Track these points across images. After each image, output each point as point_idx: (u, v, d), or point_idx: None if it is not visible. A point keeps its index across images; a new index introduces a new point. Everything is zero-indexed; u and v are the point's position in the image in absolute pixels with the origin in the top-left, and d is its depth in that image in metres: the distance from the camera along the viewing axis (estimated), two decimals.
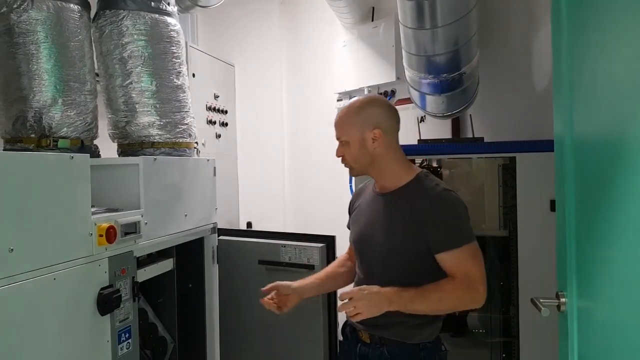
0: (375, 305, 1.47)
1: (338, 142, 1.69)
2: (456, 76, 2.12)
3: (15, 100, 1.84)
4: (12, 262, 1.21)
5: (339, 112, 1.70)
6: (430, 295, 1.49)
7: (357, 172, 1.71)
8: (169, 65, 2.16)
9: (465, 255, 1.51)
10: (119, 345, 1.62)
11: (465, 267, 1.51)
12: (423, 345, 1.61)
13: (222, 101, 3.94)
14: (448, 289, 1.50)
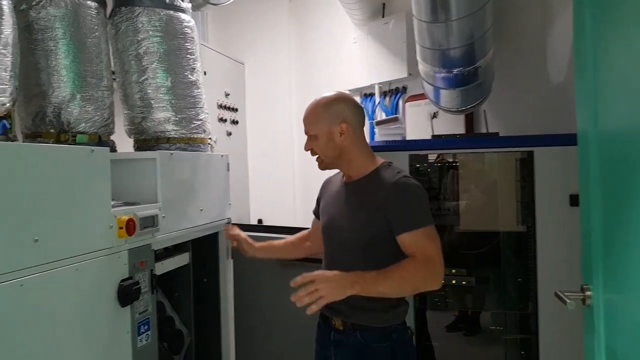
0: (337, 287, 1.50)
1: (306, 137, 1.77)
2: (471, 70, 2.11)
3: (35, 95, 1.86)
4: (36, 252, 1.22)
5: (307, 108, 1.78)
6: (393, 275, 1.53)
7: (325, 165, 1.78)
8: (183, 61, 2.17)
9: (423, 237, 1.58)
10: (138, 337, 1.63)
11: (424, 247, 1.57)
12: (394, 327, 1.70)
13: (232, 99, 3.95)
14: (409, 268, 1.55)
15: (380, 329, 1.69)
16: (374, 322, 1.69)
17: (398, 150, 2.08)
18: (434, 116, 3.11)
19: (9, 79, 1.19)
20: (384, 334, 1.69)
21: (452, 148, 2.12)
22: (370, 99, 3.76)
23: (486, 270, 2.33)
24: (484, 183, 2.28)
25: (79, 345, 1.37)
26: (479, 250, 2.30)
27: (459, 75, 2.14)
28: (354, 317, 1.70)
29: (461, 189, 2.21)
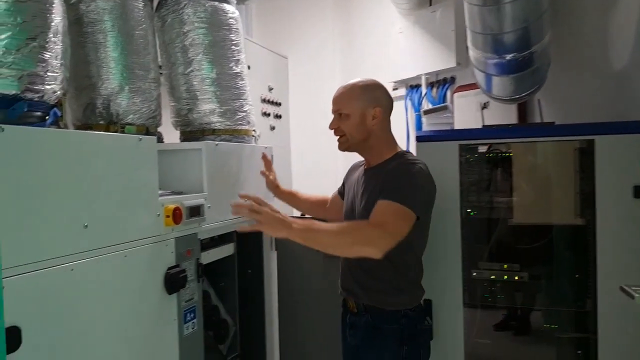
0: (278, 222, 1.50)
1: (334, 115, 1.80)
2: (526, 55, 2.01)
3: (85, 88, 1.90)
4: (86, 237, 1.24)
5: (342, 87, 1.82)
6: (334, 227, 1.56)
7: (347, 146, 1.80)
8: (228, 52, 2.17)
9: (391, 209, 1.58)
10: (184, 325, 1.64)
11: (384, 215, 1.57)
12: (404, 312, 1.72)
13: (276, 93, 3.95)
14: (353, 225, 1.62)
15: (390, 312, 1.72)
16: (385, 304, 1.73)
17: (447, 140, 2.00)
18: (485, 106, 2.99)
19: (59, 66, 1.21)
20: (394, 317, 1.72)
21: (506, 137, 2.03)
22: (417, 91, 3.68)
23: (540, 266, 2.23)
24: (538, 174, 2.17)
25: (127, 331, 1.39)
26: (533, 244, 2.19)
27: (512, 62, 2.04)
28: (365, 299, 1.76)
29: (514, 181, 2.11)
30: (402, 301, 1.74)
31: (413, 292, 1.77)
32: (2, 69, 1.05)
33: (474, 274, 2.17)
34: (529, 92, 2.43)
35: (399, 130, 3.74)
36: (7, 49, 1.06)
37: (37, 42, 1.11)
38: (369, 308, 1.76)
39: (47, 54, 1.16)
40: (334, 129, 1.81)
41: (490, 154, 2.17)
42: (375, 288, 1.75)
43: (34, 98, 1.14)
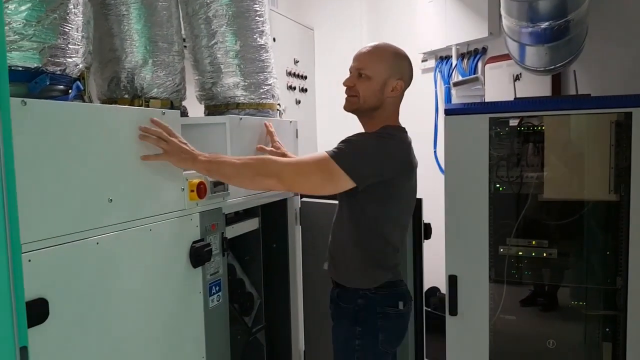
0: (185, 153, 1.48)
1: (352, 72, 1.71)
2: (562, 24, 1.90)
3: (109, 61, 1.90)
4: (111, 211, 1.25)
5: (371, 46, 1.72)
6: (239, 158, 1.56)
7: (355, 107, 1.71)
8: (252, 24, 2.13)
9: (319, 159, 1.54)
10: (209, 297, 1.66)
11: (303, 158, 1.59)
12: (362, 293, 1.68)
13: (301, 66, 3.90)
14: (258, 158, 1.58)
15: (350, 290, 1.71)
16: (343, 280, 1.73)
17: (477, 113, 1.93)
18: (517, 78, 2.88)
19: (81, 39, 1.20)
20: (351, 296, 1.70)
21: (538, 110, 1.95)
22: (447, 62, 3.57)
23: (569, 242, 2.17)
24: (571, 149, 2.09)
25: (153, 303, 1.41)
26: (562, 220, 2.13)
27: (547, 30, 1.94)
28: (334, 273, 1.78)
29: (546, 155, 2.04)
30: (358, 280, 1.70)
31: (372, 273, 1.70)
32: (23, 41, 1.05)
33: (501, 250, 2.13)
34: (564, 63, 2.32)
35: (427, 103, 3.66)
36: (28, 21, 1.05)
37: (58, 13, 1.10)
38: (335, 283, 1.78)
39: (68, 26, 1.15)
40: (349, 86, 1.71)
41: (521, 128, 2.10)
42: (337, 260, 1.75)
43: (56, 71, 1.14)
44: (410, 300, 1.79)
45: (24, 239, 1.02)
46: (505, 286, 2.12)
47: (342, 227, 1.73)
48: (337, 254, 1.76)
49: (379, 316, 1.68)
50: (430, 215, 2.19)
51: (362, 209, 1.64)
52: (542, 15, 1.87)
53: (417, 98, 3.77)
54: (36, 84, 1.09)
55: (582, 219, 2.10)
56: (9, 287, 0.61)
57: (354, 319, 1.69)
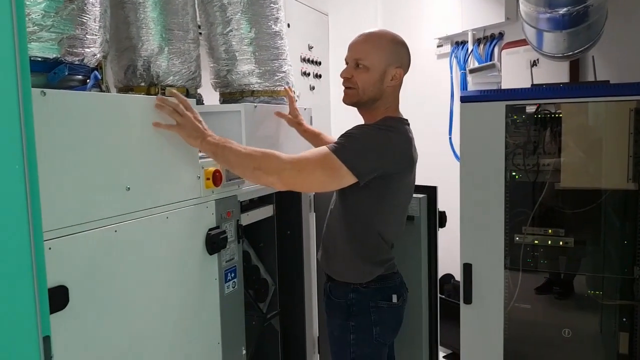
0: (196, 130, 1.46)
1: (349, 63, 1.66)
2: (581, 9, 1.86)
3: (126, 49, 1.91)
4: (129, 199, 1.27)
5: (366, 35, 1.66)
6: (244, 148, 1.52)
7: (355, 100, 1.66)
8: (266, 11, 2.13)
9: (322, 154, 1.50)
10: (225, 284, 1.68)
11: (305, 155, 1.53)
12: (354, 288, 1.67)
13: (316, 52, 3.87)
14: (263, 152, 1.52)
15: (341, 284, 1.70)
16: (336, 274, 1.72)
17: (493, 100, 1.91)
18: (534, 64, 2.84)
19: (98, 29, 1.21)
20: (343, 290, 1.69)
21: (556, 97, 1.92)
22: (463, 47, 3.52)
23: (586, 231, 2.15)
24: (589, 136, 2.06)
25: (169, 290, 1.44)
26: (579, 209, 2.11)
27: (566, 16, 1.90)
28: (326, 267, 1.77)
29: (563, 143, 2.01)
30: (349, 275, 1.69)
31: (364, 268, 1.67)
32: (42, 32, 1.06)
33: (517, 239, 2.12)
34: (582, 49, 2.28)
35: (443, 89, 3.62)
36: (46, 12, 1.06)
37: (76, 4, 1.11)
38: (327, 276, 1.77)
39: (86, 16, 1.16)
40: (346, 77, 1.66)
41: (538, 115, 2.07)
42: (330, 253, 1.74)
43: (75, 61, 1.15)
44: (405, 291, 1.78)
45: (45, 227, 1.05)
46: (520, 275, 2.11)
47: (337, 220, 1.71)
48: (330, 247, 1.75)
49: (372, 310, 1.67)
50: (446, 203, 2.18)
51: (358, 203, 1.62)
52: (561, 1, 1.83)
53: (432, 84, 3.77)
54: (55, 74, 1.10)
55: (599, 207, 2.08)
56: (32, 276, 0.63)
57: (347, 313, 1.68)
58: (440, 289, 3.43)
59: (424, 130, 3.52)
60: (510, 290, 2.09)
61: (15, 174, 0.60)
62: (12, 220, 0.63)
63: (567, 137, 2.02)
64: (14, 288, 0.62)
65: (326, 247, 1.77)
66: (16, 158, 0.60)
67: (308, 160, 1.51)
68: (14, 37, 0.58)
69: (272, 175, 1.49)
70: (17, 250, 0.64)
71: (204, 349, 1.58)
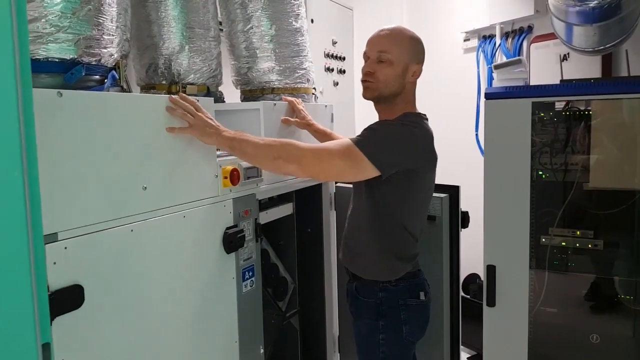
0: (210, 127, 1.45)
1: (371, 57, 1.66)
2: (613, 1, 1.78)
3: (147, 47, 1.92)
4: (145, 199, 1.28)
5: (388, 30, 1.67)
6: (262, 139, 1.54)
7: (376, 94, 1.67)
8: (287, 7, 2.11)
9: (344, 145, 1.51)
10: (243, 283, 1.68)
11: (329, 145, 1.54)
12: (383, 286, 1.66)
13: (340, 47, 3.84)
14: (281, 141, 1.54)
15: (369, 282, 1.68)
16: (363, 272, 1.70)
17: (519, 97, 1.85)
18: (564, 58, 2.75)
19: (115, 29, 1.21)
20: (371, 289, 1.68)
21: (585, 94, 1.84)
22: (490, 41, 3.43)
23: (616, 233, 2.07)
24: (621, 135, 1.97)
25: (186, 289, 1.44)
26: (609, 210, 2.03)
27: (597, 9, 1.83)
28: (351, 265, 1.75)
29: (593, 142, 1.93)
30: (378, 272, 1.68)
31: (392, 264, 1.67)
32: (59, 33, 1.06)
33: (543, 240, 2.06)
34: (614, 43, 2.19)
35: (469, 84, 3.54)
36: (63, 13, 1.07)
37: (92, 4, 1.12)
38: (354, 276, 1.75)
39: (103, 17, 1.16)
40: (368, 72, 1.66)
41: (566, 112, 2.00)
42: (355, 251, 1.72)
43: (92, 62, 1.16)
44: (429, 289, 1.78)
45: (61, 227, 1.06)
46: (546, 277, 2.05)
47: (361, 217, 1.70)
48: (354, 245, 1.73)
49: (401, 308, 1.66)
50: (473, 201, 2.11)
51: (383, 198, 1.61)
52: None
53: (458, 79, 3.69)
54: (72, 75, 1.11)
55: (631, 208, 1.99)
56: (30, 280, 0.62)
57: (376, 312, 1.67)
58: (465, 289, 3.38)
59: (449, 126, 3.46)
60: (536, 293, 2.03)
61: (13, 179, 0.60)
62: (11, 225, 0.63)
63: (597, 135, 1.94)
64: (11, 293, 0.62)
65: (350, 246, 1.76)
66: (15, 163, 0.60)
67: (329, 150, 1.53)
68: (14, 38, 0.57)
69: (293, 163, 1.50)
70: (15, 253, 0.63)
71: (221, 348, 1.58)
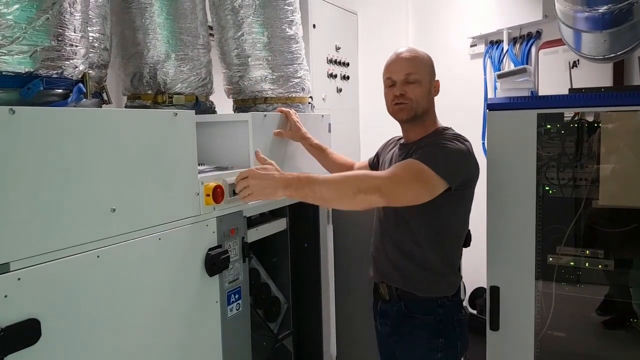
0: (269, 187, 1.46)
1: (398, 80, 1.68)
2: (623, 7, 1.66)
3: (132, 56, 1.84)
4: (114, 221, 1.18)
5: (410, 52, 1.71)
6: (335, 176, 1.52)
7: (412, 113, 1.68)
8: (280, 13, 2.02)
9: (413, 167, 1.50)
10: (228, 306, 1.58)
11: (401, 170, 1.51)
12: (441, 302, 1.64)
13: (343, 53, 3.75)
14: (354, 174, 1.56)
15: (426, 300, 1.64)
16: (420, 290, 1.65)
17: (523, 108, 1.74)
18: (574, 65, 2.62)
19: (79, 39, 1.12)
20: (429, 306, 1.64)
21: (593, 106, 1.72)
22: (498, 47, 3.31)
23: (628, 253, 1.94)
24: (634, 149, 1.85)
25: (165, 316, 1.34)
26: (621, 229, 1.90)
27: (607, 15, 1.71)
28: (399, 283, 1.68)
29: (603, 156, 1.81)
30: (437, 288, 1.65)
31: (449, 278, 1.68)
32: (12, 45, 0.98)
33: (550, 259, 1.94)
34: (626, 50, 2.06)
35: (476, 91, 3.43)
36: (17, 23, 0.98)
37: (51, 13, 1.03)
38: (402, 295, 1.68)
39: (64, 26, 1.07)
40: (401, 94, 1.68)
41: (575, 124, 1.88)
42: (408, 269, 1.66)
43: (52, 75, 1.07)
44: None
45: (13, 256, 0.97)
46: (553, 300, 1.92)
47: (408, 233, 1.65)
48: (406, 263, 1.67)
49: (456, 324, 1.67)
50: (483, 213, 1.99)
51: (440, 210, 1.60)
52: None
53: (465, 85, 3.57)
54: (29, 89, 1.02)
55: None
56: None
57: (435, 330, 1.64)
58: (471, 304, 3.25)
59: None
60: (543, 316, 1.91)
61: None
62: None
63: (606, 150, 1.81)
64: None
65: (399, 265, 1.68)
66: None
67: (402, 175, 1.51)
68: None
69: (374, 193, 1.45)
70: None
71: None
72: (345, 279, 2.40)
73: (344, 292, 2.37)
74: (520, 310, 1.82)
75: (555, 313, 1.91)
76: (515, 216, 1.80)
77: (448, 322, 1.66)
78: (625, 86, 2.50)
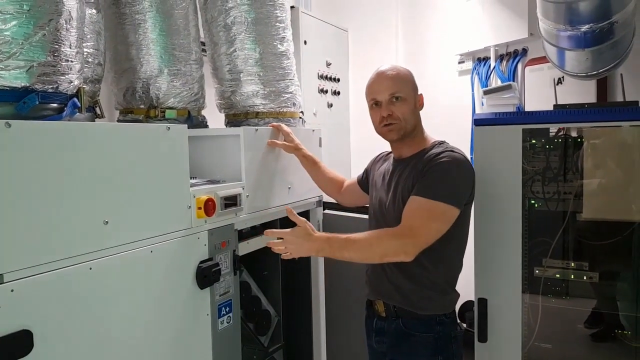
0: (304, 252, 1.57)
1: (384, 100, 1.66)
2: (605, 26, 1.72)
3: (125, 71, 1.87)
4: (107, 234, 1.20)
5: (392, 70, 1.69)
6: (362, 242, 1.51)
7: (402, 132, 1.67)
8: (272, 30, 2.06)
9: (424, 207, 1.51)
10: (219, 319, 1.59)
11: (415, 217, 1.52)
12: (440, 319, 1.64)
13: (334, 69, 3.81)
14: (381, 236, 1.53)
15: (425, 317, 1.64)
16: (419, 307, 1.64)
17: (509, 124, 1.78)
18: (559, 82, 2.69)
19: (75, 55, 1.15)
20: (428, 324, 1.64)
21: (577, 121, 1.77)
22: (485, 64, 3.39)
23: (613, 265, 1.97)
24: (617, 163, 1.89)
25: (156, 328, 1.35)
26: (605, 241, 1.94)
27: (588, 33, 1.77)
28: (397, 301, 1.66)
29: (586, 170, 1.85)
30: (438, 306, 1.65)
31: (451, 295, 1.68)
32: (9, 60, 1.00)
33: (537, 272, 1.97)
34: (608, 68, 2.12)
35: (464, 107, 3.49)
36: (14, 39, 1.00)
37: (48, 29, 1.05)
38: (400, 312, 1.66)
39: (60, 42, 1.10)
40: (388, 115, 1.66)
41: (559, 139, 1.92)
42: (411, 290, 1.64)
43: (48, 89, 1.09)
44: None
45: (6, 267, 0.98)
46: (540, 311, 1.95)
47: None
48: (404, 280, 1.64)
49: (452, 340, 1.66)
50: None
51: (453, 229, 1.58)
52: (583, 18, 1.70)
53: (453, 101, 3.63)
54: (24, 104, 1.04)
55: (627, 240, 1.90)
56: None
57: (434, 347, 1.63)
58: (461, 318, 3.27)
59: None
60: (530, 327, 1.93)
61: None
62: None
63: (589, 164, 1.86)
64: None
65: (397, 282, 1.66)
66: None
67: (417, 224, 1.51)
68: None
69: (399, 255, 1.51)
70: None
71: None
72: (336, 293, 2.41)
73: (334, 306, 2.38)
74: (507, 322, 1.84)
75: (542, 325, 1.94)
76: (501, 229, 1.83)
77: (446, 339, 1.65)
78: (608, 102, 2.56)
